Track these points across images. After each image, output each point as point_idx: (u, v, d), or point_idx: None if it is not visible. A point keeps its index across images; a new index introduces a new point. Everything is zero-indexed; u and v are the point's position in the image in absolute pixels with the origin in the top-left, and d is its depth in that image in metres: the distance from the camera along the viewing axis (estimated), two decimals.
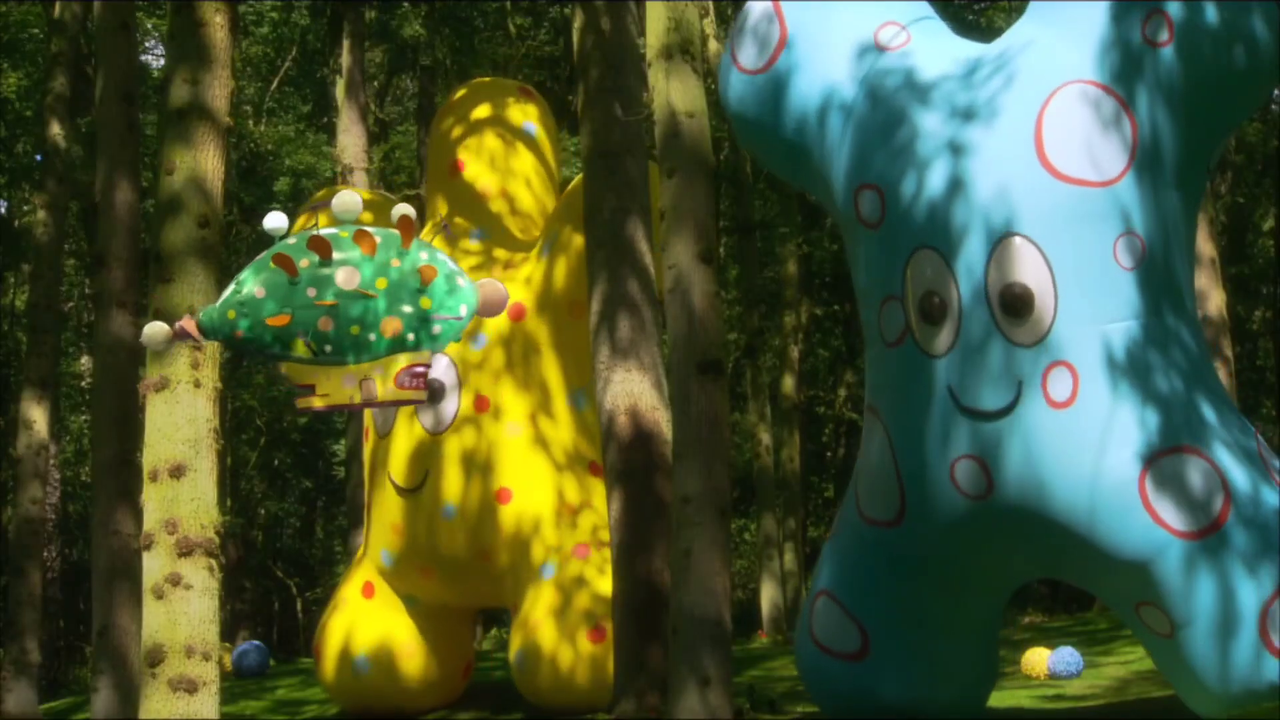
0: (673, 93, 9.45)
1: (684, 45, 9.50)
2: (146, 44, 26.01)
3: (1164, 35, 8.80)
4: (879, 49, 9.68)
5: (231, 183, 23.06)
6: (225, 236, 12.16)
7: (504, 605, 12.55)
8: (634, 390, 12.24)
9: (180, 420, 7.17)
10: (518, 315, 11.98)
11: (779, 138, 10.05)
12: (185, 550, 7.02)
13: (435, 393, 11.77)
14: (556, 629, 11.12)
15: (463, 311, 6.91)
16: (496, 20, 27.01)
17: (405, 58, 28.41)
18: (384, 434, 12.27)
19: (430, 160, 13.79)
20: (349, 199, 6.99)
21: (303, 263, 6.78)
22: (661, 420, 12.19)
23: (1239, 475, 8.46)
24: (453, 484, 11.81)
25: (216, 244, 7.63)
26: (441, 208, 13.10)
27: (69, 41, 17.48)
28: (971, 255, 8.89)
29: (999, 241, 8.81)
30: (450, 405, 11.75)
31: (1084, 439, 8.58)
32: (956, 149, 9.12)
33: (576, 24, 13.19)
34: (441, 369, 11.86)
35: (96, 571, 11.50)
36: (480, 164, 13.01)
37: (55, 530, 26.44)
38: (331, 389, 6.86)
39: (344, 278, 6.75)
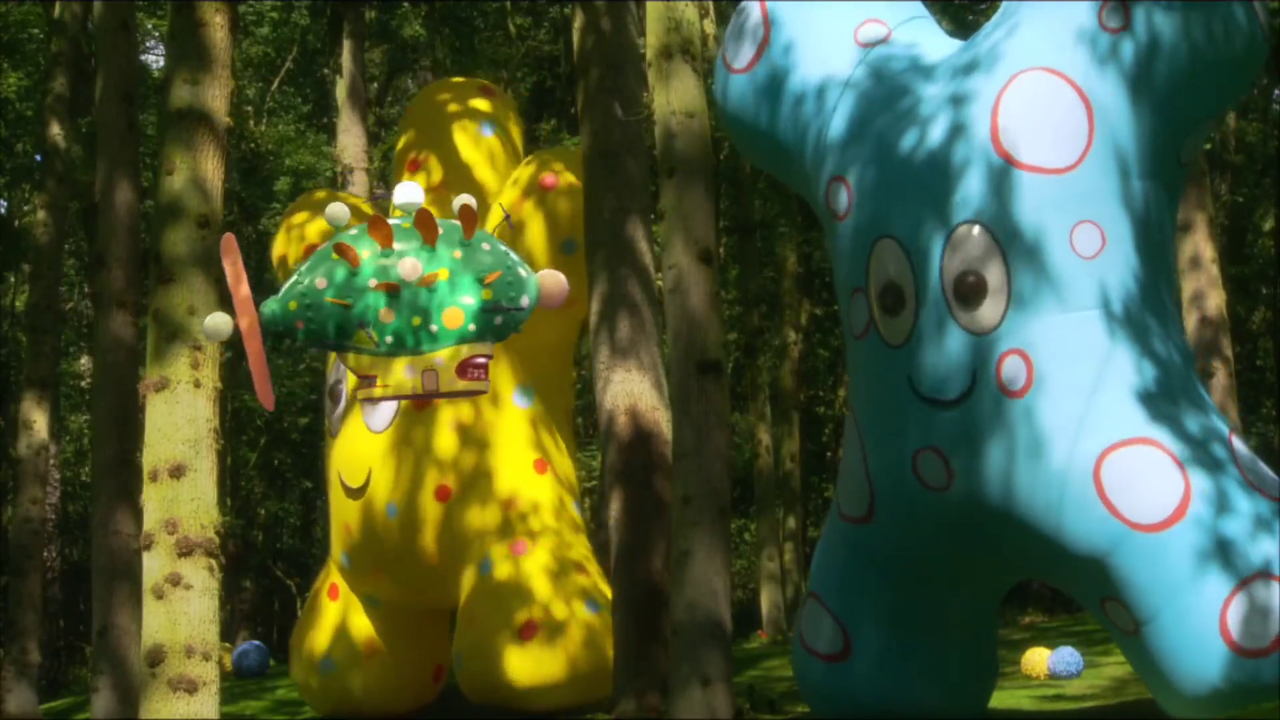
0: (672, 93, 9.45)
1: (684, 45, 9.51)
2: (146, 44, 26.01)
3: (1119, 21, 8.75)
4: (860, 45, 9.73)
5: (232, 182, 23.05)
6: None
7: (454, 605, 12.42)
8: (634, 390, 12.23)
9: (180, 420, 7.17)
10: None
11: (766, 136, 10.07)
12: (185, 550, 7.01)
13: None
14: (489, 626, 10.92)
15: (524, 302, 6.93)
16: (496, 20, 27.01)
17: (405, 58, 28.41)
18: (335, 435, 12.17)
19: (396, 160, 13.68)
20: (410, 191, 6.99)
21: (364, 253, 6.81)
22: (661, 420, 12.18)
23: (1200, 469, 8.27)
24: (394, 482, 11.63)
25: (216, 244, 7.62)
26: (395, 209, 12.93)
27: (69, 41, 17.48)
28: (928, 244, 8.85)
29: (954, 229, 8.79)
30: (391, 403, 11.58)
31: (1038, 428, 8.49)
32: (916, 139, 9.12)
33: (576, 24, 13.19)
34: None
35: (96, 571, 11.49)
36: (434, 162, 12.91)
37: (55, 530, 26.43)
38: (393, 380, 6.88)
39: (406, 268, 6.77)
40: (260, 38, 26.95)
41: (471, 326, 6.79)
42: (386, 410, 11.59)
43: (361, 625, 12.30)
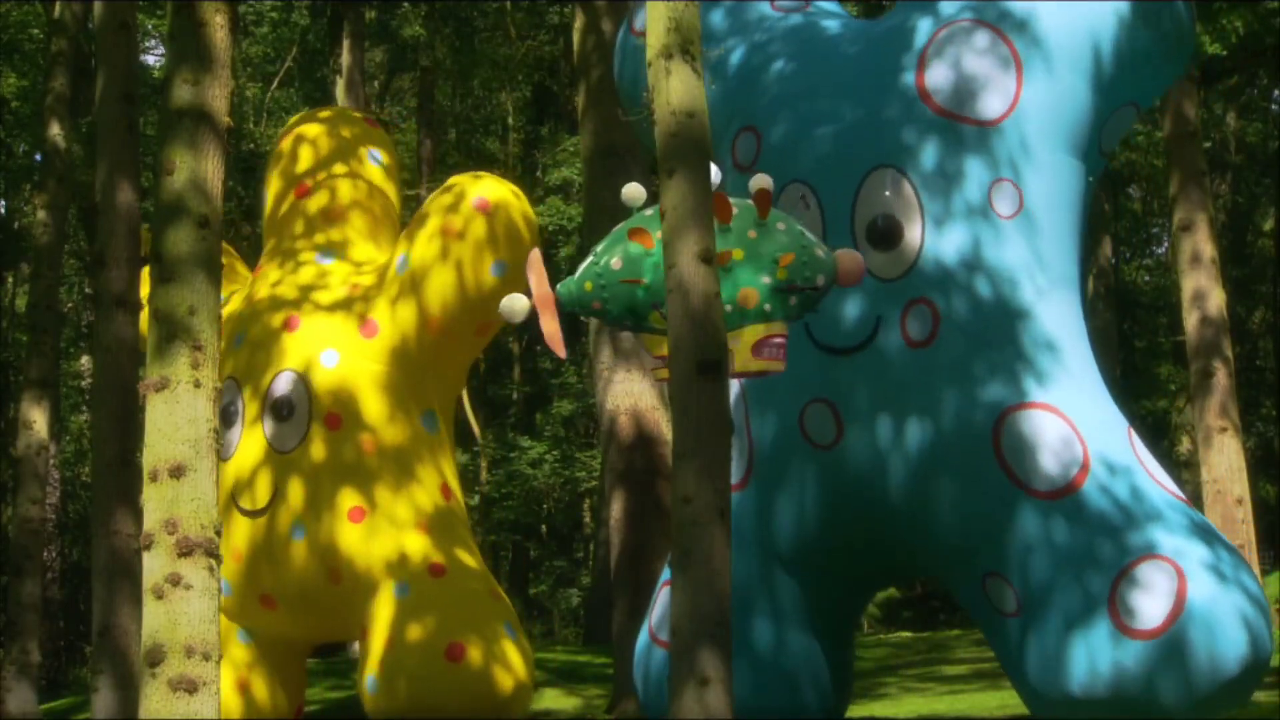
0: (673, 93, 9.43)
1: (684, 45, 9.49)
2: (147, 44, 26.03)
3: None
4: (776, 8, 9.66)
5: (233, 180, 23.04)
6: (225, 235, 12.12)
7: (347, 638, 12.10)
8: (634, 391, 12.26)
9: (180, 420, 7.16)
10: (370, 333, 11.51)
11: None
12: (185, 550, 7.01)
13: (284, 410, 11.38)
14: (415, 648, 10.69)
15: (820, 282, 6.84)
16: (496, 20, 27.04)
17: (405, 58, 28.43)
18: (227, 457, 11.82)
19: (272, 183, 13.19)
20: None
21: (658, 234, 6.75)
22: (662, 421, 12.20)
23: (1099, 442, 8.11)
24: (302, 504, 11.29)
25: (217, 244, 7.62)
26: (290, 229, 12.61)
27: (69, 41, 17.47)
28: (840, 186, 8.62)
29: (870, 172, 8.58)
30: (300, 423, 11.35)
31: (939, 381, 8.28)
32: (835, 83, 8.93)
33: (577, 25, 13.22)
34: (291, 385, 11.48)
35: (96, 571, 11.47)
36: (326, 188, 12.56)
37: (55, 530, 26.45)
38: None
39: None
40: (260, 38, 26.97)
41: (767, 306, 6.73)
42: (295, 429, 11.33)
43: (234, 658, 11.93)
